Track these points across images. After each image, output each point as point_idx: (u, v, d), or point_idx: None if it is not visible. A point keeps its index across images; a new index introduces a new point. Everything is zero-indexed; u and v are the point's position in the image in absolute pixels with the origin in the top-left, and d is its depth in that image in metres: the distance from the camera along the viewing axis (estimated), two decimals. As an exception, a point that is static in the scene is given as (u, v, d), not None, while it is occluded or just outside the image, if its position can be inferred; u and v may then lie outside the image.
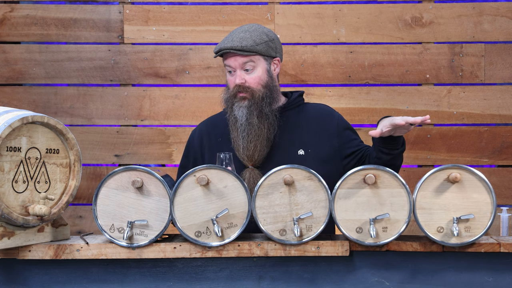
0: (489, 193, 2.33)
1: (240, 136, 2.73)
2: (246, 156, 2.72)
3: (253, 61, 2.72)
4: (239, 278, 2.42)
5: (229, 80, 2.77)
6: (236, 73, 2.73)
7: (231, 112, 2.75)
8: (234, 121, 2.75)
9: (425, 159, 3.75)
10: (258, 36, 2.73)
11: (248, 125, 2.72)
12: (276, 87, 2.80)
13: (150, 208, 2.36)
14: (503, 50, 3.72)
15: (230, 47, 2.70)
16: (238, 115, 2.73)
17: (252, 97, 2.72)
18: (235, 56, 2.71)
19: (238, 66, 2.72)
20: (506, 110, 3.72)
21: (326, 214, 2.36)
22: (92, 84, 3.80)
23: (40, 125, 2.36)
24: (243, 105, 2.73)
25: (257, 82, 2.73)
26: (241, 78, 2.72)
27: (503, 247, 2.36)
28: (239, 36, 2.72)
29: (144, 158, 3.79)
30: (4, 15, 3.77)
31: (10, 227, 2.32)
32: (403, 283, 2.41)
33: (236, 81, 2.72)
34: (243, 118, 2.72)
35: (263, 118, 2.72)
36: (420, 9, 3.73)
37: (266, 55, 2.74)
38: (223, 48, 2.71)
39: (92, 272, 2.42)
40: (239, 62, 2.72)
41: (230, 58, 2.73)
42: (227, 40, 2.73)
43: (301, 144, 2.74)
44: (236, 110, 2.74)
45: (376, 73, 3.76)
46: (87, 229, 3.79)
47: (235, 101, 2.75)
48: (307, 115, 2.81)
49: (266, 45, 2.74)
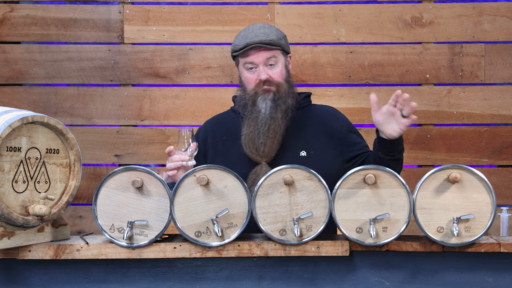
0: (489, 193, 2.33)
1: (260, 130, 2.68)
2: (261, 152, 2.68)
3: (276, 56, 2.71)
4: (239, 278, 2.42)
5: (249, 78, 2.72)
6: (258, 69, 2.69)
7: (253, 107, 2.70)
8: (256, 116, 2.69)
9: (425, 159, 3.75)
10: (277, 32, 2.73)
11: (270, 119, 2.68)
12: (293, 82, 2.79)
13: (150, 208, 2.36)
14: (503, 50, 3.72)
15: (258, 41, 2.66)
16: (261, 107, 2.68)
17: (277, 91, 2.69)
18: (259, 51, 2.68)
19: (262, 61, 2.69)
20: (506, 110, 3.72)
21: (326, 214, 2.36)
22: (92, 84, 3.79)
23: (40, 125, 2.36)
24: (268, 97, 2.69)
25: (280, 77, 2.71)
26: (265, 73, 2.68)
27: (503, 247, 2.36)
28: (261, 32, 2.69)
29: (144, 158, 3.79)
30: (4, 15, 3.77)
31: (10, 227, 2.32)
32: (403, 283, 2.41)
33: (262, 76, 2.68)
34: (266, 111, 2.68)
35: (285, 115, 2.70)
36: (420, 9, 3.73)
37: (284, 50, 2.74)
38: (251, 43, 2.67)
39: (92, 272, 2.42)
40: (263, 58, 2.69)
41: (253, 55, 2.69)
42: (250, 36, 2.68)
43: (304, 145, 2.74)
44: (260, 103, 2.69)
45: (376, 73, 3.76)
46: (87, 229, 3.79)
47: (258, 94, 2.69)
48: (312, 117, 2.81)
49: (285, 41, 2.75)
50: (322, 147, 2.74)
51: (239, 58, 2.75)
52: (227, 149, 2.77)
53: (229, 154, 2.76)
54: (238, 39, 2.74)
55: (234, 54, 2.75)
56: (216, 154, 2.78)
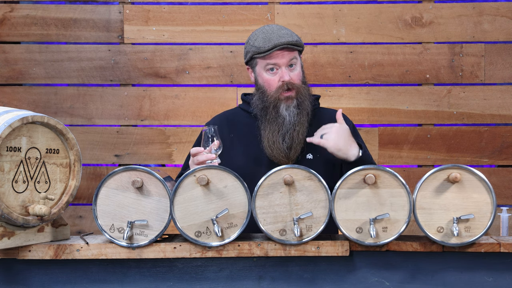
0: (489, 193, 2.33)
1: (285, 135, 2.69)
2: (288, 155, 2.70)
3: (296, 57, 2.72)
4: (239, 278, 2.42)
5: (270, 80, 2.71)
6: (280, 70, 2.69)
7: (276, 113, 2.70)
8: (281, 122, 2.70)
9: (425, 159, 3.75)
10: (294, 34, 2.74)
11: (298, 124, 2.70)
12: (308, 83, 2.80)
13: (150, 208, 2.36)
14: (503, 50, 3.72)
15: (286, 42, 2.66)
16: (286, 115, 2.69)
17: (297, 95, 2.70)
18: (283, 52, 2.68)
19: (285, 63, 2.69)
20: (506, 110, 3.72)
21: (326, 214, 2.36)
22: (92, 84, 3.79)
23: (40, 125, 2.36)
24: (292, 104, 2.70)
25: (299, 79, 2.73)
26: (288, 75, 2.69)
27: (503, 247, 2.36)
28: (283, 33, 2.70)
29: (144, 158, 3.79)
30: (4, 15, 3.77)
31: (10, 227, 2.32)
32: (403, 283, 2.41)
33: (285, 77, 2.68)
34: (292, 118, 2.69)
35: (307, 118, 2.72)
36: (420, 9, 3.73)
37: (301, 52, 2.77)
38: (279, 44, 2.66)
39: (92, 272, 2.42)
40: (287, 59, 2.69)
41: (277, 56, 2.68)
42: (275, 37, 2.68)
43: (310, 148, 2.74)
44: (283, 110, 2.69)
45: (376, 73, 3.76)
46: (87, 229, 3.79)
47: (280, 102, 2.70)
48: (320, 120, 2.80)
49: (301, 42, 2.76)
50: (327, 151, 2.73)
51: (258, 60, 2.72)
52: (234, 147, 2.77)
53: (235, 153, 2.75)
54: (260, 41, 2.71)
55: (257, 56, 2.72)
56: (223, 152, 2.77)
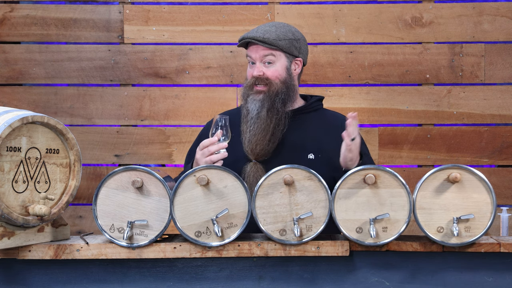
0: (489, 193, 2.33)
1: (248, 129, 2.75)
2: (249, 149, 2.74)
3: (274, 55, 2.76)
4: (239, 278, 2.42)
5: (248, 72, 2.82)
6: (255, 65, 2.77)
7: (245, 104, 2.79)
8: (246, 114, 2.78)
9: (425, 159, 3.75)
10: (283, 33, 2.77)
11: (257, 118, 2.74)
12: (294, 86, 2.82)
13: (150, 208, 2.36)
14: (503, 50, 3.72)
15: (252, 36, 2.74)
16: (250, 108, 2.76)
17: (268, 90, 2.75)
18: (257, 47, 2.75)
19: (258, 58, 2.76)
20: (506, 110, 3.72)
21: (326, 214, 2.36)
22: (92, 84, 3.79)
23: (40, 125, 2.36)
24: (258, 98, 2.76)
25: (275, 76, 2.76)
26: (259, 70, 2.76)
27: (503, 247, 2.36)
28: (264, 29, 2.76)
29: (144, 158, 3.79)
30: (4, 15, 3.77)
31: (10, 227, 2.32)
32: (403, 283, 2.41)
33: (254, 73, 2.76)
34: (254, 111, 2.75)
35: (273, 113, 2.74)
36: (420, 9, 3.73)
37: (287, 52, 2.77)
38: (246, 37, 2.76)
39: (92, 272, 2.42)
40: (260, 54, 2.76)
41: (252, 49, 2.77)
42: (252, 31, 2.77)
43: (312, 148, 2.74)
44: (250, 103, 2.77)
45: (376, 73, 3.76)
46: (87, 229, 3.79)
47: (250, 93, 2.78)
48: (323, 121, 2.81)
49: (289, 42, 2.77)
50: (330, 152, 2.73)
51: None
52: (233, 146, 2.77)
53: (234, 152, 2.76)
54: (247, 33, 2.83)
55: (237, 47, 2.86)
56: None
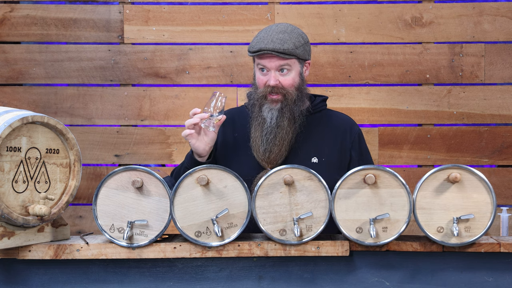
0: (489, 193, 2.33)
1: (265, 137, 2.67)
2: (267, 158, 2.68)
3: (290, 65, 2.66)
4: (239, 278, 2.42)
5: (260, 79, 2.69)
6: (270, 73, 2.66)
7: (259, 112, 2.69)
8: (262, 122, 2.69)
9: (425, 159, 3.75)
10: (297, 39, 2.67)
11: (277, 128, 2.67)
12: (306, 89, 2.75)
13: (150, 208, 2.36)
14: (503, 50, 3.72)
15: (272, 48, 2.61)
16: (267, 117, 2.68)
17: (284, 99, 2.67)
18: (272, 57, 2.65)
19: (274, 67, 2.65)
20: (506, 110, 3.72)
21: (326, 214, 2.36)
22: (92, 84, 3.79)
23: (40, 125, 2.36)
24: (275, 107, 2.68)
25: (291, 84, 2.67)
26: (275, 79, 2.65)
27: (503, 247, 2.36)
28: (279, 37, 2.64)
29: (144, 158, 3.79)
30: (4, 15, 3.77)
31: (10, 227, 2.32)
32: (403, 283, 2.41)
33: (271, 82, 2.65)
34: (273, 121, 2.67)
35: (293, 122, 2.68)
36: (420, 9, 3.73)
37: (301, 59, 2.70)
38: (264, 49, 2.62)
39: (92, 272, 2.42)
40: (276, 64, 2.65)
41: (266, 59, 2.65)
42: (266, 41, 2.64)
43: (315, 152, 2.72)
44: (266, 112, 2.68)
45: (376, 73, 3.76)
46: (87, 229, 3.79)
47: (265, 102, 2.68)
48: (326, 123, 2.78)
49: (303, 48, 2.69)
50: (333, 155, 2.72)
51: (254, 57, 2.72)
52: (238, 149, 2.75)
53: (239, 155, 2.74)
54: (255, 40, 2.69)
55: (249, 54, 2.72)
56: (227, 151, 2.75)
